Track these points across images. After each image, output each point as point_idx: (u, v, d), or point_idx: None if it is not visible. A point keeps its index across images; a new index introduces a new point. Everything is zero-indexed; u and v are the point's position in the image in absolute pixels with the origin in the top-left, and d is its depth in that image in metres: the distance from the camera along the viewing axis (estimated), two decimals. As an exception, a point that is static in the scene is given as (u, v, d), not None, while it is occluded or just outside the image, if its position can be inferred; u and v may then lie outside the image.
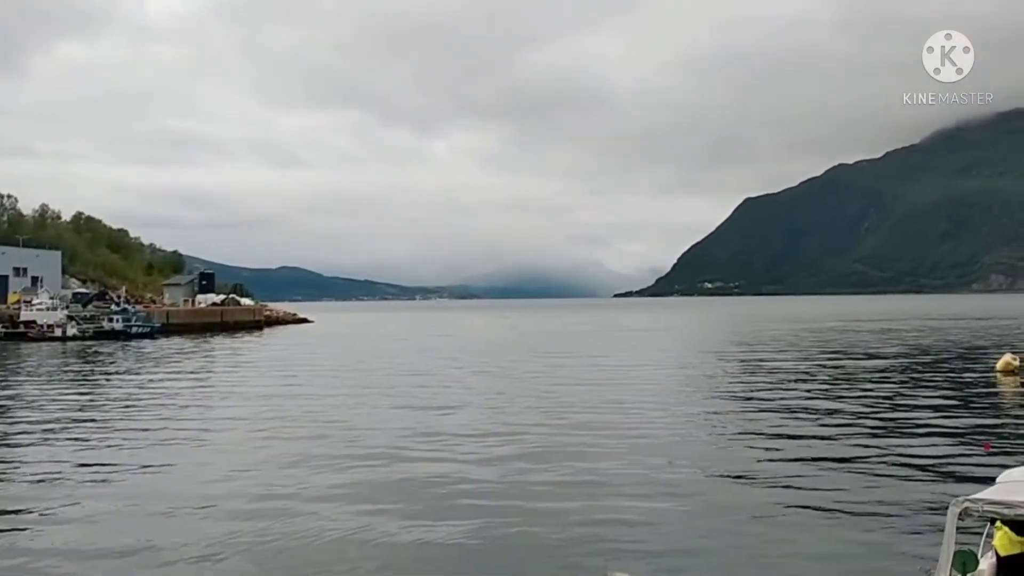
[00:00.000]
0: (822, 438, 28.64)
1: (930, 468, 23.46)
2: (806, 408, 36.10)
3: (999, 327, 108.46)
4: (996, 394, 41.95)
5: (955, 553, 10.22)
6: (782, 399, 39.24)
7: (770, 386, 44.91)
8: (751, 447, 27.15)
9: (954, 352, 68.78)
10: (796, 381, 47.18)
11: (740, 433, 29.88)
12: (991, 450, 23.95)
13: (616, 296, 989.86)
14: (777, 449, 26.73)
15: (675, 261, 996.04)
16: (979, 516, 10.51)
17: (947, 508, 10.23)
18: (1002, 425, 31.57)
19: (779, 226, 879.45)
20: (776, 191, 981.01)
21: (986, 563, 11.08)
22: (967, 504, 10.17)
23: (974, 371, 51.78)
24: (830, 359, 62.90)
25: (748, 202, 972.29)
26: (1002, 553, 10.80)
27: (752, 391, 42.84)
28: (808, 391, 42.53)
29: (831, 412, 34.78)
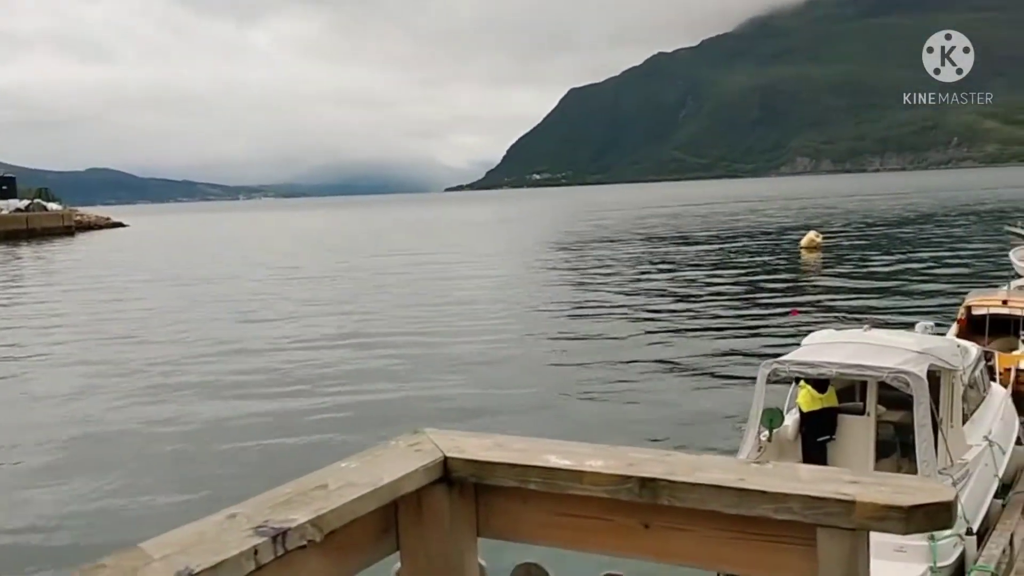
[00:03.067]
0: (648, 313, 30.04)
1: (743, 334, 25.15)
2: (631, 289, 37.64)
3: (804, 207, 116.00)
4: (801, 267, 45.24)
5: (763, 411, 11.04)
6: (610, 283, 40.67)
7: (597, 271, 46.41)
8: (552, 328, 28.08)
9: (764, 231, 73.13)
10: (622, 266, 48.99)
11: (529, 315, 30.91)
12: (797, 316, 25.93)
13: (448, 190, 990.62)
14: (590, 325, 27.91)
15: (504, 153, 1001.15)
16: (786, 376, 11.35)
17: (758, 370, 10.99)
18: (807, 294, 34.16)
19: (603, 116, 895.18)
20: (600, 81, 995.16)
21: (791, 419, 12.04)
22: (775, 366, 10.95)
23: (782, 248, 55.37)
24: (651, 243, 65.55)
25: (573, 92, 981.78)
26: (805, 409, 11.73)
27: (581, 278, 44.18)
28: (633, 274, 44.30)
29: (655, 291, 36.47)
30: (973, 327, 19.52)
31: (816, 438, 11.64)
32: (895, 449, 11.50)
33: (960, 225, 71.65)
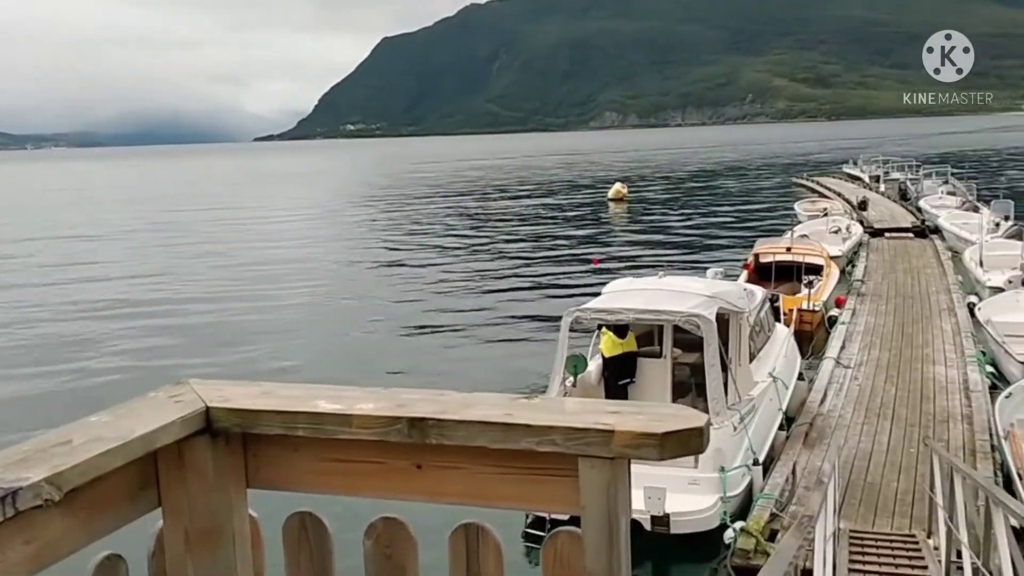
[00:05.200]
0: (456, 268, 30.29)
1: (548, 284, 25.84)
2: (441, 244, 37.88)
3: (612, 161, 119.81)
4: (607, 218, 46.82)
5: (568, 357, 11.39)
6: (420, 239, 40.76)
7: (408, 227, 46.33)
8: (357, 288, 27.97)
9: (574, 185, 75.08)
10: (433, 220, 49.13)
11: (380, 269, 30.70)
12: (598, 265, 26.87)
13: (257, 140, 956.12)
14: (396, 283, 28.03)
15: (316, 103, 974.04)
16: (588, 323, 11.74)
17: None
18: (610, 244, 35.47)
19: (416, 67, 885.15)
20: (413, 31, 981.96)
21: (594, 364, 12.50)
22: (577, 313, 11.29)
23: (589, 200, 57.07)
24: (465, 198, 65.94)
25: (386, 42, 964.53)
26: (607, 354, 12.20)
27: (390, 235, 43.97)
28: (443, 228, 44.57)
29: (464, 245, 36.84)
30: (760, 273, 20.92)
31: (618, 381, 12.14)
32: (691, 389, 12.18)
33: (754, 177, 76.22)
